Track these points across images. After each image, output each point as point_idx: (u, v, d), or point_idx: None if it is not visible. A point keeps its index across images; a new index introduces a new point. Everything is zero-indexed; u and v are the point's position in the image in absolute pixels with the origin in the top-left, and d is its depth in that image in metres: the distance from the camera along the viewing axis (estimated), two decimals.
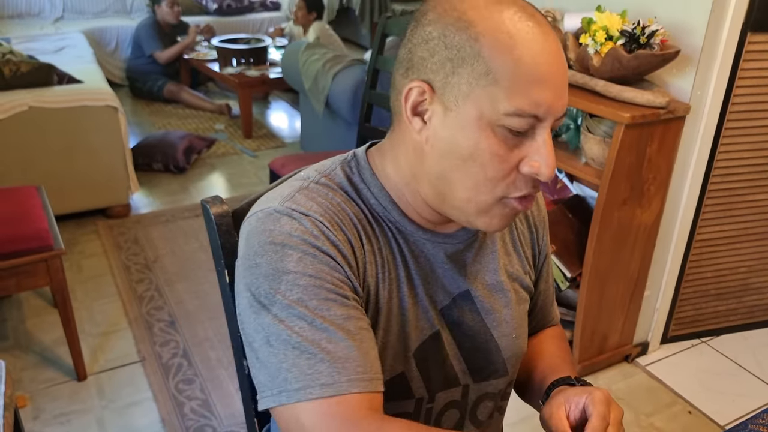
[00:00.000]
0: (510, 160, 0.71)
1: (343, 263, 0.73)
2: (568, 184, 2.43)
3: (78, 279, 2.73)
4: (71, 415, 2.04)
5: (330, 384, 0.67)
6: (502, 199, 0.73)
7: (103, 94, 3.06)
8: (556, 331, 1.07)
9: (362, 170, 0.82)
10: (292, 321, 0.69)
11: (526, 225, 0.95)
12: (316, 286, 0.71)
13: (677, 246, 2.23)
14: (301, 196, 0.76)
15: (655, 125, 1.93)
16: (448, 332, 0.85)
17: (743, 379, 2.30)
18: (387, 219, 0.80)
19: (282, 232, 0.72)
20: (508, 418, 2.07)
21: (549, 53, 0.69)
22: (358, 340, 0.70)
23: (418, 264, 0.82)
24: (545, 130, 0.71)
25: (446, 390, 0.87)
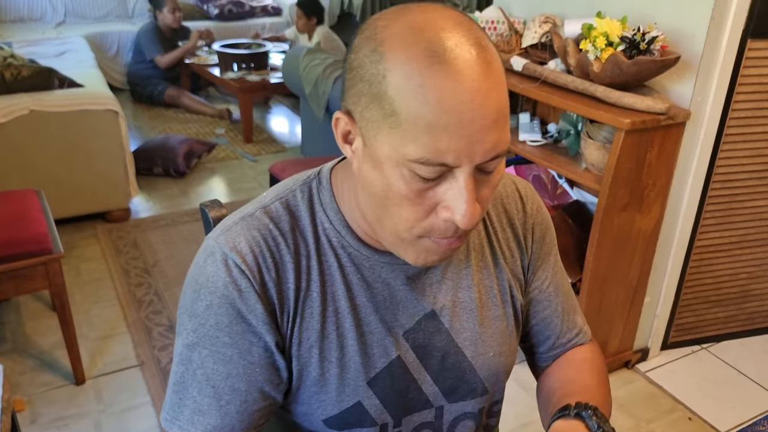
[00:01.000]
0: (424, 204, 0.66)
1: (249, 314, 0.73)
2: (568, 190, 2.43)
3: (77, 283, 2.73)
4: (69, 419, 2.04)
5: (185, 428, 0.75)
6: (422, 237, 0.69)
7: (104, 98, 3.06)
8: (585, 352, 0.96)
9: (322, 191, 0.80)
10: (183, 359, 0.76)
11: (512, 234, 0.89)
12: (212, 338, 0.74)
13: (677, 252, 2.23)
14: (239, 227, 0.76)
15: (655, 131, 1.93)
16: (413, 356, 0.82)
17: (743, 385, 2.30)
18: (340, 245, 0.78)
19: (203, 273, 0.75)
20: (507, 423, 2.07)
21: (462, 93, 0.60)
22: (224, 400, 0.75)
23: (372, 291, 0.79)
24: (463, 175, 0.64)
25: (415, 413, 0.85)
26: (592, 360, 0.95)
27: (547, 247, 0.93)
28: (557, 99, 2.05)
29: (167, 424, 0.76)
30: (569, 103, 2.01)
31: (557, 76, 2.10)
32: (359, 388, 0.79)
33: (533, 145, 2.31)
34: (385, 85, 0.62)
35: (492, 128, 0.62)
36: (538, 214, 0.92)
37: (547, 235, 0.93)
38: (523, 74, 2.24)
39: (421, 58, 0.61)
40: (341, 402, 0.79)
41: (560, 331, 0.95)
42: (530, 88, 2.14)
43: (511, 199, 0.90)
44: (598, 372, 0.92)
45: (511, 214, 0.90)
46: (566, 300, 0.95)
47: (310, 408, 0.80)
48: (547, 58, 2.24)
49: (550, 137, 2.36)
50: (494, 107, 0.62)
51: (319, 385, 0.79)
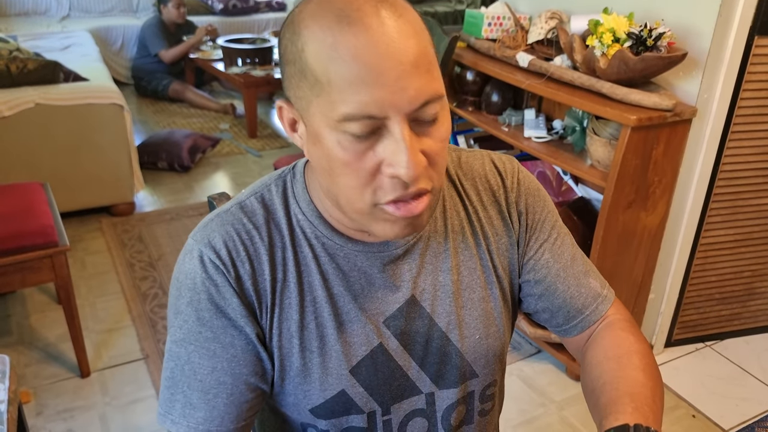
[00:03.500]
0: (366, 167, 0.66)
1: (227, 308, 0.76)
2: (573, 186, 2.43)
3: (82, 276, 2.74)
4: (74, 411, 2.05)
5: (176, 422, 0.77)
6: (376, 205, 0.69)
7: (109, 92, 3.07)
8: (613, 338, 0.87)
9: (296, 184, 0.82)
10: (171, 355, 0.78)
11: (496, 211, 0.87)
12: (196, 333, 0.76)
13: (682, 249, 2.23)
14: (214, 224, 0.78)
15: (662, 128, 1.93)
16: (396, 343, 0.82)
17: (747, 383, 2.30)
18: (314, 236, 0.79)
19: (182, 271, 0.77)
20: (510, 419, 2.07)
21: (376, 43, 0.62)
22: (211, 394, 0.76)
23: (348, 280, 0.80)
24: (397, 125, 0.64)
25: (404, 400, 0.85)
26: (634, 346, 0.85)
27: (537, 215, 0.89)
28: (563, 95, 2.05)
29: (161, 418, 0.78)
30: (575, 99, 2.01)
31: (563, 72, 2.10)
32: (342, 377, 0.80)
33: (538, 141, 2.31)
34: (305, 57, 0.66)
35: (412, 74, 0.64)
36: (520, 185, 0.89)
37: (537, 203, 0.89)
38: (529, 70, 2.24)
39: (331, 23, 0.64)
40: (325, 391, 0.80)
41: (569, 297, 0.89)
42: (536, 84, 2.14)
43: (491, 175, 0.88)
44: (648, 364, 0.83)
45: (493, 191, 0.88)
46: (572, 265, 0.90)
47: (296, 398, 0.81)
48: (553, 55, 2.24)
49: (556, 134, 2.35)
50: (411, 53, 0.64)
51: (302, 375, 0.80)
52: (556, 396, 2.18)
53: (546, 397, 2.18)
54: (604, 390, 0.79)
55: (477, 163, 0.89)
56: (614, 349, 0.85)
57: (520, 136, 2.36)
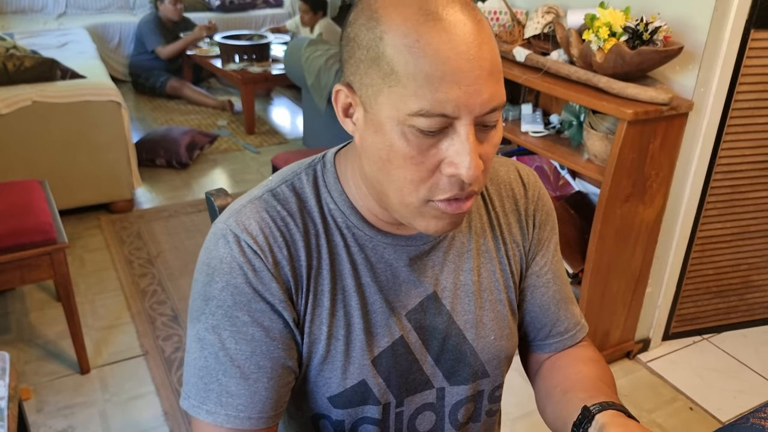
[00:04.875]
0: (427, 162, 0.68)
1: (266, 292, 0.75)
2: (570, 181, 2.44)
3: (81, 273, 2.74)
4: (75, 407, 2.05)
5: (212, 412, 0.75)
6: (429, 201, 0.70)
7: (106, 89, 3.07)
8: (587, 352, 0.95)
9: (326, 173, 0.82)
10: (204, 344, 0.76)
11: (515, 219, 0.90)
12: (232, 318, 0.75)
13: (679, 243, 2.24)
14: (248, 210, 0.78)
15: (658, 122, 1.94)
16: (415, 336, 0.83)
17: (745, 375, 2.31)
18: (345, 225, 0.80)
19: (215, 257, 0.76)
20: (509, 413, 2.08)
21: (457, 45, 0.64)
22: (252, 379, 0.75)
23: (375, 272, 0.81)
24: (465, 127, 0.66)
25: (417, 394, 0.86)
26: (599, 361, 0.93)
27: (547, 233, 0.93)
28: (560, 90, 2.05)
29: (194, 410, 0.76)
30: (572, 93, 2.01)
31: (560, 66, 2.10)
32: (364, 367, 0.81)
33: (536, 136, 2.32)
34: (383, 46, 0.66)
35: (488, 80, 0.66)
36: (540, 200, 0.92)
37: (548, 222, 0.93)
38: (526, 65, 2.24)
39: (415, 17, 0.65)
40: (346, 380, 0.81)
41: (556, 319, 0.94)
42: (533, 79, 2.14)
43: (515, 184, 0.91)
44: (609, 377, 0.91)
45: (516, 199, 0.91)
46: (564, 289, 0.95)
47: (316, 386, 0.82)
48: (549, 49, 2.24)
49: (553, 128, 2.36)
50: (488, 59, 0.66)
51: (325, 362, 0.80)
52: None
53: None
54: (582, 383, 0.86)
55: (503, 170, 0.92)
56: (592, 359, 0.93)
57: (518, 130, 2.36)
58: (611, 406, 0.75)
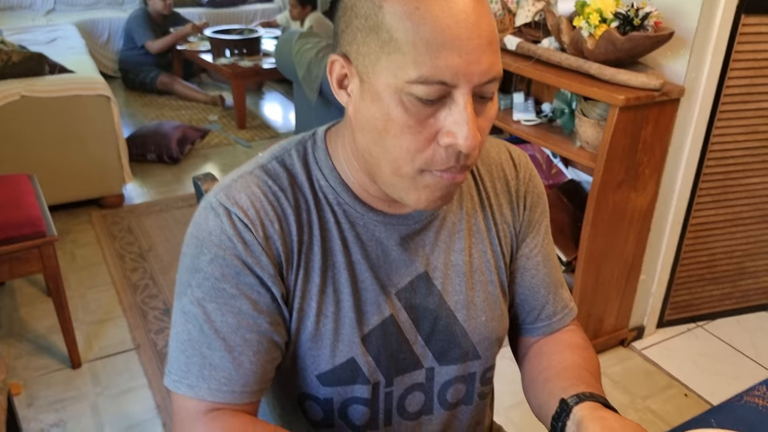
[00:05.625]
0: (424, 132, 0.67)
1: (255, 265, 0.74)
2: (562, 169, 2.43)
3: (72, 268, 2.72)
4: (66, 402, 2.03)
5: (193, 386, 0.74)
6: (424, 171, 0.70)
7: (95, 84, 3.04)
8: (573, 337, 0.94)
9: (317, 150, 0.81)
10: (189, 317, 0.75)
11: (506, 200, 0.90)
12: (219, 290, 0.74)
13: (672, 230, 2.23)
14: (238, 184, 0.77)
15: (650, 108, 1.93)
16: (405, 316, 0.83)
17: (739, 362, 2.31)
18: (336, 202, 0.79)
19: (204, 229, 0.75)
20: (503, 401, 2.07)
21: (457, 13, 0.64)
22: (237, 352, 0.74)
23: (366, 249, 0.80)
24: (463, 97, 0.66)
25: (406, 374, 0.85)
26: (584, 345, 0.92)
27: (537, 216, 0.92)
28: (551, 77, 2.04)
29: (175, 385, 0.75)
30: (563, 80, 2.00)
31: (551, 54, 2.09)
32: (353, 344, 0.80)
33: (528, 124, 2.31)
34: (382, 15, 0.66)
35: (487, 49, 0.66)
36: (531, 182, 0.92)
37: (539, 204, 0.92)
38: (517, 53, 2.23)
39: None
40: (335, 357, 0.80)
41: (546, 302, 0.93)
42: (524, 67, 2.13)
43: (506, 165, 0.90)
44: (594, 364, 0.90)
45: (507, 180, 0.90)
46: (554, 273, 0.94)
47: (304, 363, 0.81)
48: (540, 37, 2.23)
49: (545, 116, 2.35)
50: (487, 30, 0.66)
51: (313, 340, 0.79)
52: None
53: None
54: (565, 372, 0.85)
55: (494, 150, 0.91)
56: (579, 346, 0.92)
57: (509, 119, 2.35)
58: (589, 398, 0.75)
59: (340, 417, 0.84)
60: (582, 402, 0.74)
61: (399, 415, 0.86)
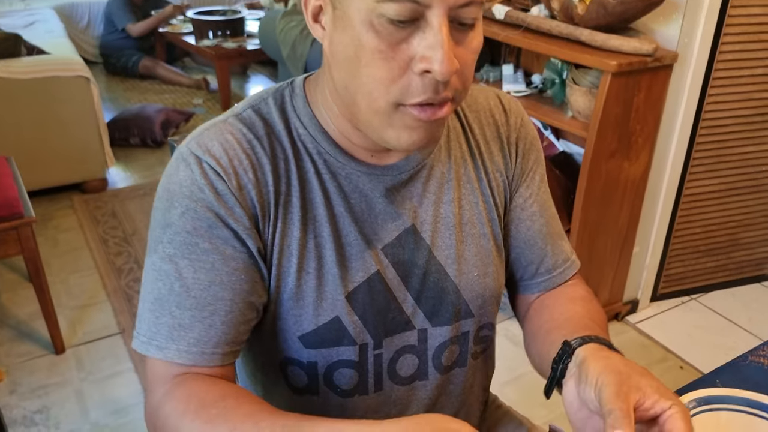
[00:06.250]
0: (397, 59, 0.62)
1: (228, 217, 0.69)
2: (554, 141, 2.39)
3: (54, 253, 2.66)
4: (49, 388, 1.98)
5: (162, 348, 0.69)
6: (399, 106, 0.65)
7: (74, 64, 2.96)
8: (576, 290, 0.89)
9: (296, 98, 0.76)
10: (160, 275, 0.70)
11: (498, 148, 0.84)
12: (191, 245, 0.69)
13: (666, 200, 2.20)
14: (211, 132, 0.72)
15: (642, 74, 1.88)
16: (393, 272, 0.78)
17: (734, 333, 2.28)
18: (316, 151, 0.75)
19: (174, 181, 0.71)
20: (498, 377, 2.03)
21: None
22: (207, 311, 0.69)
23: (349, 202, 0.76)
24: (437, 18, 0.61)
25: (396, 335, 0.80)
26: (590, 299, 0.87)
27: (531, 163, 0.87)
28: (541, 45, 1.99)
29: (143, 347, 0.70)
30: (553, 48, 1.95)
31: (541, 22, 2.04)
32: (337, 302, 0.75)
33: (518, 95, 2.26)
34: None
35: None
36: (523, 128, 0.86)
37: (532, 151, 0.87)
38: (506, 22, 2.17)
39: None
40: (318, 317, 0.75)
41: (544, 255, 0.88)
42: (513, 36, 2.08)
43: (496, 110, 0.85)
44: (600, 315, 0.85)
45: (497, 126, 0.85)
46: (551, 223, 0.89)
47: (286, 324, 0.76)
48: (529, 5, 2.18)
49: (535, 88, 2.30)
50: None
51: (295, 298, 0.74)
52: None
53: None
54: (568, 322, 0.79)
55: (482, 96, 0.86)
56: (582, 298, 0.87)
57: None
58: (593, 340, 0.70)
59: (325, 383, 0.79)
60: (586, 344, 0.69)
61: (390, 379, 0.82)
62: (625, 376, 0.62)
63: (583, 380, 0.64)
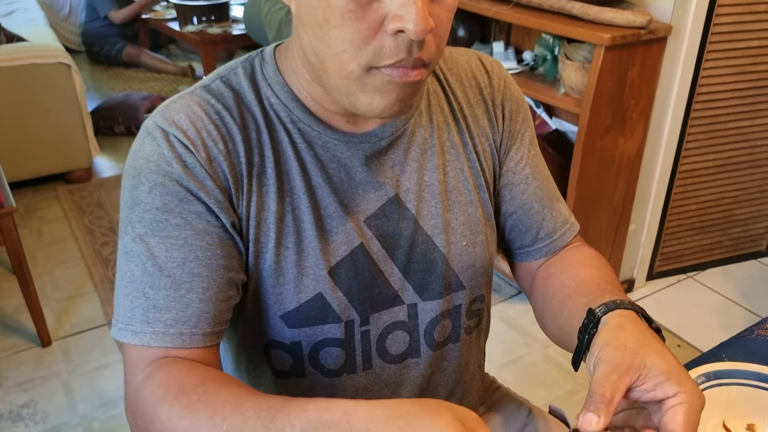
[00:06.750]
0: (368, 18, 0.59)
1: (199, 191, 0.66)
2: (547, 120, 2.34)
3: (38, 245, 2.60)
4: (36, 381, 1.93)
5: (138, 332, 0.65)
6: (371, 69, 0.61)
7: (54, 51, 2.89)
8: (581, 252, 0.84)
9: (266, 66, 0.73)
10: (131, 257, 0.66)
11: (483, 111, 0.80)
12: (161, 222, 0.66)
13: (661, 177, 2.16)
14: (177, 104, 0.69)
15: (636, 47, 1.84)
16: (378, 245, 0.74)
17: (731, 311, 2.26)
18: (290, 120, 0.71)
19: (141, 156, 0.67)
20: (494, 360, 2.01)
21: None
22: (184, 289, 0.65)
23: (327, 172, 0.72)
24: None
25: (384, 310, 0.76)
26: (597, 258, 0.83)
27: (519, 125, 0.83)
28: (531, 20, 1.95)
29: (120, 334, 0.66)
30: (544, 22, 1.91)
31: None
32: (319, 278, 0.71)
33: (509, 73, 2.21)
34: None
35: None
36: (507, 89, 0.82)
37: (520, 112, 0.83)
38: None
39: None
40: (300, 294, 0.71)
41: (542, 219, 0.84)
42: (503, 11, 2.03)
43: (478, 72, 0.81)
44: (611, 274, 0.80)
45: (480, 88, 0.81)
46: (546, 185, 0.85)
47: (267, 303, 0.72)
48: None
49: (526, 65, 2.26)
50: None
51: (275, 275, 0.70)
52: (539, 335, 2.11)
53: (529, 337, 2.12)
54: (582, 288, 0.75)
55: (462, 58, 0.82)
56: (590, 259, 0.82)
57: None
58: (618, 306, 0.65)
59: (311, 364, 0.75)
60: (611, 311, 0.64)
61: (380, 357, 0.78)
62: (630, 353, 0.58)
63: (590, 353, 0.61)
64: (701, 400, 0.56)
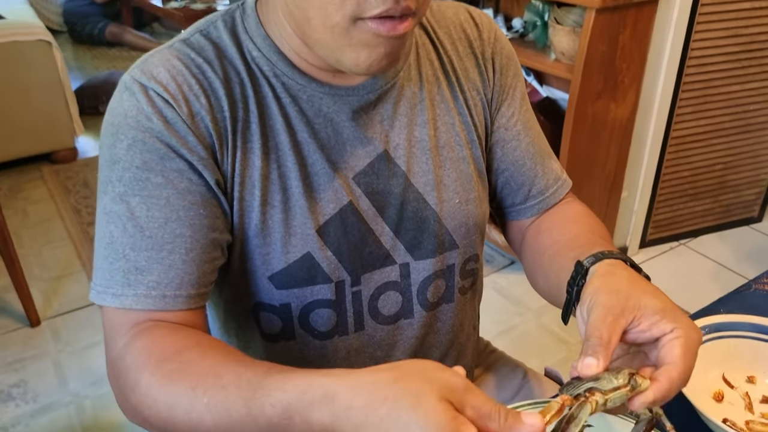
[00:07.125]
0: None
1: (181, 147, 0.63)
2: (537, 87, 2.32)
3: (24, 225, 2.56)
4: (26, 361, 1.91)
5: (118, 295, 0.62)
6: (357, 21, 0.58)
7: (33, 28, 2.83)
8: (573, 208, 0.83)
9: (247, 19, 0.69)
10: (111, 217, 0.63)
11: (474, 64, 0.78)
12: (141, 180, 0.63)
13: (653, 143, 2.15)
14: (155, 58, 0.65)
15: (627, 9, 1.82)
16: (367, 203, 0.72)
17: (725, 277, 2.26)
18: (273, 74, 0.68)
19: (119, 113, 0.64)
20: (488, 330, 2.00)
21: None
22: (166, 250, 0.63)
23: (313, 127, 0.69)
24: None
25: (375, 270, 0.74)
26: (588, 215, 0.81)
27: (510, 80, 0.80)
28: None
29: (99, 297, 0.63)
30: None
31: None
32: (308, 237, 0.69)
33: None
34: None
35: None
36: (497, 42, 0.79)
37: (510, 66, 0.80)
38: None
39: None
40: (288, 254, 0.68)
41: (534, 176, 0.82)
42: None
43: (467, 24, 0.78)
44: (601, 229, 0.79)
45: (470, 41, 0.78)
46: (538, 142, 0.83)
47: (254, 264, 0.69)
48: None
49: (516, 32, 2.22)
50: None
51: (261, 235, 0.68)
52: (532, 304, 2.11)
53: (522, 306, 2.11)
54: (572, 242, 0.73)
55: (450, 11, 0.79)
56: (580, 215, 0.81)
57: None
58: (606, 256, 0.64)
59: (301, 326, 0.73)
60: (599, 261, 0.63)
61: (372, 318, 0.76)
62: (624, 295, 0.57)
63: (581, 301, 0.59)
64: (698, 334, 0.56)
